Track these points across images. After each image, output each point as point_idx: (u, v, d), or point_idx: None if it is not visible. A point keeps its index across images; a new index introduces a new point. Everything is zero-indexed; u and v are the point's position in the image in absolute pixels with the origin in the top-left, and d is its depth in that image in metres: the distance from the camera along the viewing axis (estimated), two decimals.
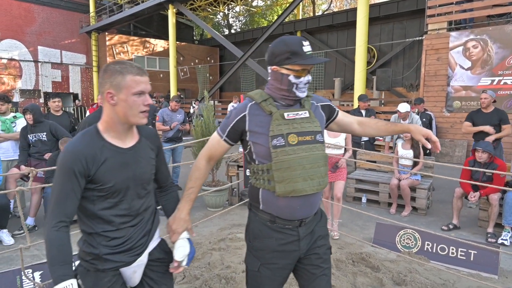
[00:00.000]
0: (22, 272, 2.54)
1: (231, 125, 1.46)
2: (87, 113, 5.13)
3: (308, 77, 1.42)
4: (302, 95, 1.43)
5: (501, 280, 2.97)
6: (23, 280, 2.64)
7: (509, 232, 3.72)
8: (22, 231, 3.95)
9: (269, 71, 1.46)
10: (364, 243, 3.65)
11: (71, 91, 17.95)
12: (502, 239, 3.70)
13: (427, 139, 1.50)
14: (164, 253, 1.56)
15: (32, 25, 16.44)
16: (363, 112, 6.01)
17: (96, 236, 1.35)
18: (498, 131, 4.65)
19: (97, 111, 2.02)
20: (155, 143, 1.52)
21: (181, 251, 1.48)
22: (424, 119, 6.03)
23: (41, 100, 16.44)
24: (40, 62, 16.74)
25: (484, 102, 4.64)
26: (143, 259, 1.46)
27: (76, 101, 17.04)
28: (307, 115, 1.44)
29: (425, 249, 3.37)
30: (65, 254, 1.26)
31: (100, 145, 1.32)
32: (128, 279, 1.47)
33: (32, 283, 2.63)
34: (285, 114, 1.40)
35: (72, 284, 1.25)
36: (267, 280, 1.50)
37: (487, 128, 4.60)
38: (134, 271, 1.45)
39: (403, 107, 5.08)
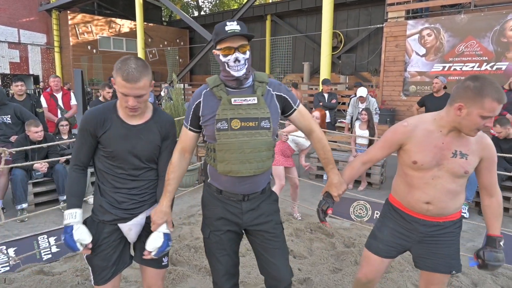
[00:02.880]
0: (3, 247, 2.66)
1: (191, 113, 1.58)
2: (41, 99, 5.21)
3: (237, 55, 1.46)
4: (237, 74, 1.48)
5: None
6: None
7: (466, 205, 4.21)
8: None
9: None
10: None
11: (31, 72, 17.02)
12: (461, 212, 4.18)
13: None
14: None
15: None
16: (326, 95, 6.35)
17: (100, 189, 1.63)
18: None
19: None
20: (165, 129, 1.66)
21: (152, 242, 1.57)
22: (333, 100, 6.43)
23: None
24: None
25: (435, 86, 5.09)
26: (139, 220, 1.66)
27: (41, 83, 16.23)
28: (255, 101, 1.51)
29: (375, 217, 3.79)
30: (76, 188, 1.58)
31: (111, 116, 1.58)
32: (126, 235, 1.68)
33: (6, 258, 2.75)
34: (232, 100, 1.49)
35: (76, 212, 1.55)
36: (216, 245, 1.66)
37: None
38: (130, 229, 1.66)
39: (362, 91, 5.46)
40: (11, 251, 2.83)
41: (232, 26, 1.45)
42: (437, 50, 7.38)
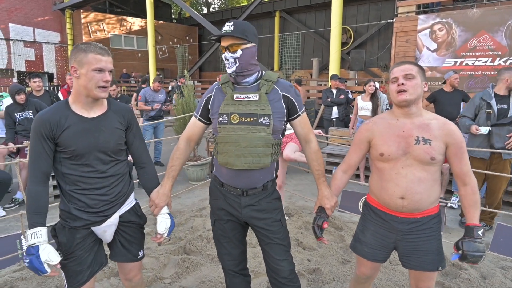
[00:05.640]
0: (22, 236, 2.81)
1: (202, 105, 1.69)
2: (59, 95, 5.48)
3: (228, 54, 1.54)
4: (229, 71, 1.57)
5: (445, 235, 3.46)
6: (23, 243, 2.90)
7: (457, 197, 4.24)
8: (12, 204, 4.16)
9: None
10: None
11: (45, 70, 17.41)
12: (450, 203, 4.24)
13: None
14: (136, 216, 1.72)
15: (2, 1, 15.69)
16: (334, 91, 6.38)
17: (66, 195, 1.54)
18: (457, 111, 5.14)
19: None
20: (125, 117, 1.64)
21: (163, 225, 1.68)
22: (342, 96, 6.52)
23: (15, 80, 15.93)
24: (12, 40, 16.08)
25: (459, 82, 5.10)
26: (112, 220, 1.62)
27: (54, 80, 16.63)
28: (257, 98, 1.56)
29: None
30: (39, 204, 1.45)
31: (66, 113, 1.49)
32: (101, 237, 1.65)
33: None
34: (235, 96, 1.58)
35: (41, 231, 1.42)
36: (220, 232, 1.76)
37: None
38: (104, 231, 1.61)
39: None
40: None
41: (227, 26, 1.53)
42: (448, 45, 7.31)
